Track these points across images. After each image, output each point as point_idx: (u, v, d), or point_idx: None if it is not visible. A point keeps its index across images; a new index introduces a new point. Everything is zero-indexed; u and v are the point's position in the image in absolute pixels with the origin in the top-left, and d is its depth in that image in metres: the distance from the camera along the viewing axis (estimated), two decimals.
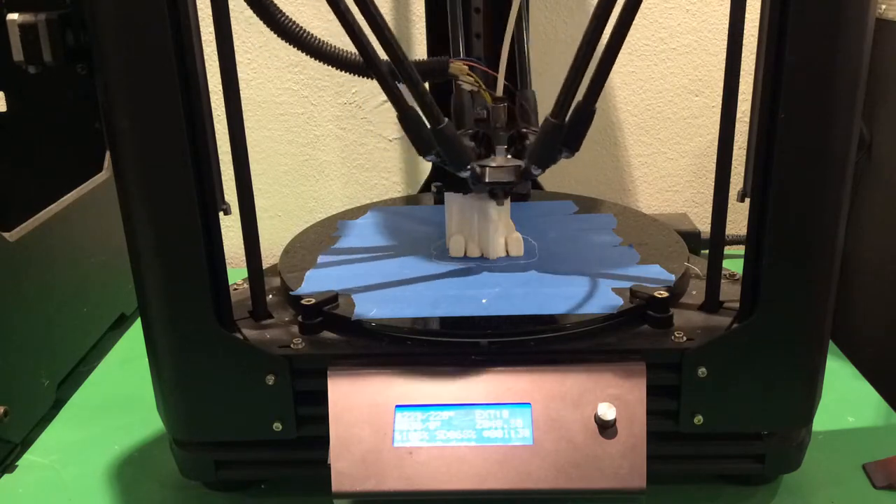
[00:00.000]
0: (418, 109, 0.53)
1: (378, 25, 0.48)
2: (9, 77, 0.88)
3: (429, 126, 0.53)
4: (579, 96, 0.52)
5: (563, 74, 0.51)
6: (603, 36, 0.49)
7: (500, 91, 0.59)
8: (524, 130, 0.61)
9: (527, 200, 0.81)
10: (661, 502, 0.57)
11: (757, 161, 0.50)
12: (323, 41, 0.56)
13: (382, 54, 0.50)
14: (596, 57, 0.50)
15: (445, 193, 0.66)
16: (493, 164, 0.58)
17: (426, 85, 0.53)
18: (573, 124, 0.52)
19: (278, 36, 0.54)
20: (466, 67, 0.59)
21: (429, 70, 0.59)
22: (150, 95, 0.48)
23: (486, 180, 0.58)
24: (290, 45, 0.55)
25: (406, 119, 0.53)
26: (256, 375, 0.53)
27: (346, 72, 0.57)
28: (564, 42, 1.02)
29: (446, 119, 0.53)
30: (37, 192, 0.80)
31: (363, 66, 0.57)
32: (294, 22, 0.54)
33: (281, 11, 0.54)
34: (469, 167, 0.57)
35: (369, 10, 0.48)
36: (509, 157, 0.60)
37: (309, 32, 0.55)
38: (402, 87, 0.52)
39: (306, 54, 0.56)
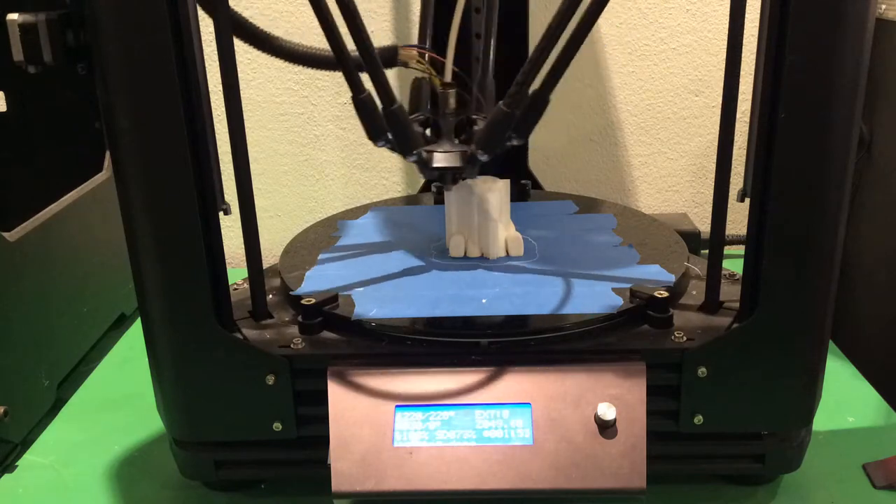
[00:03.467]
0: (374, 94, 0.52)
1: (344, 4, 0.48)
2: (9, 77, 0.88)
3: (381, 107, 0.52)
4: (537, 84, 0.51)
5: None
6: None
7: (448, 76, 0.59)
8: (474, 117, 0.61)
9: (527, 200, 0.81)
10: (661, 502, 0.57)
11: (757, 161, 0.50)
12: (279, 38, 0.56)
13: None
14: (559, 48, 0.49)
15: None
16: (440, 150, 0.58)
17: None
18: (527, 112, 0.52)
19: (241, 40, 0.55)
20: (416, 53, 0.59)
21: (380, 57, 0.59)
22: (150, 95, 0.48)
23: (433, 165, 0.57)
24: (248, 44, 0.55)
25: (360, 102, 0.52)
26: (256, 375, 0.54)
27: (303, 65, 0.58)
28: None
29: (399, 102, 0.53)
30: (37, 192, 0.80)
31: (313, 57, 0.58)
32: (247, 20, 0.55)
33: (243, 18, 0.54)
34: (416, 152, 0.56)
35: None
36: (456, 142, 0.59)
37: (262, 30, 0.55)
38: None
39: (263, 52, 0.56)
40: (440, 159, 0.57)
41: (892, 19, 0.82)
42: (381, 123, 0.53)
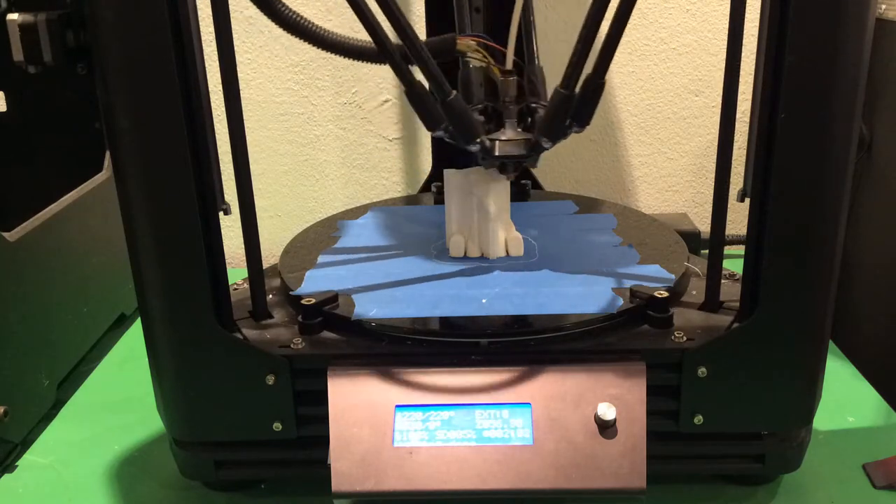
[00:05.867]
0: (425, 84, 0.52)
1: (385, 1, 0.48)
2: (9, 77, 0.88)
3: (437, 99, 0.52)
4: (588, 70, 0.51)
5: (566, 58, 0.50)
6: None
7: (509, 64, 0.59)
8: (533, 105, 0.61)
9: (527, 200, 0.81)
10: (661, 502, 0.57)
11: (757, 161, 0.50)
12: (324, 29, 0.55)
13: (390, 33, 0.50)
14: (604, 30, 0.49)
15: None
16: (503, 138, 0.57)
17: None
18: (583, 97, 0.51)
19: (280, 26, 0.54)
20: (474, 43, 0.59)
21: (436, 48, 0.58)
22: (150, 95, 0.48)
23: (496, 153, 0.57)
24: (292, 35, 0.55)
25: (413, 93, 0.52)
26: (256, 375, 0.53)
27: (348, 57, 0.57)
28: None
29: (454, 91, 0.53)
30: (37, 192, 0.80)
31: (361, 49, 0.57)
32: (294, 11, 0.54)
33: (282, 2, 0.53)
34: (478, 141, 0.56)
35: None
36: (519, 130, 0.59)
37: (308, 20, 0.55)
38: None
39: (307, 42, 0.55)
40: (504, 147, 0.57)
41: (892, 19, 0.82)
42: (437, 114, 0.53)
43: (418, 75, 0.51)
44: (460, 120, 0.54)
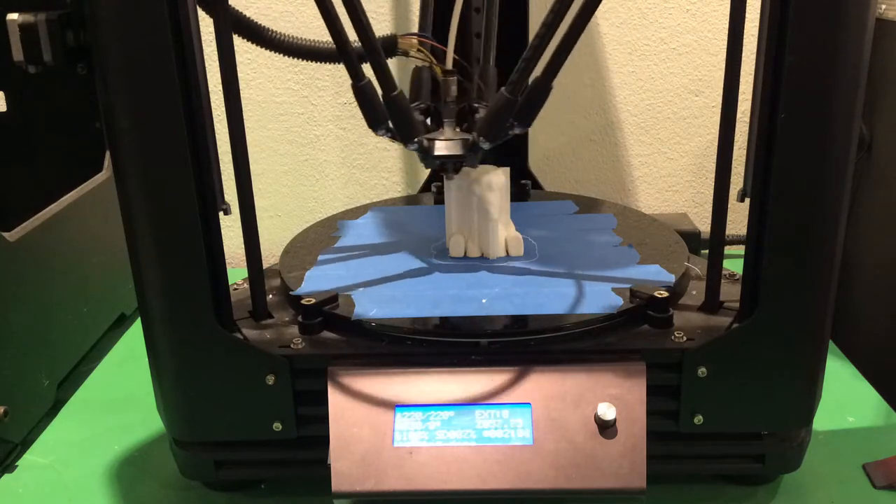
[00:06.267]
0: (374, 81, 0.52)
1: None
2: (9, 77, 0.88)
3: (381, 95, 0.52)
4: (538, 72, 0.51)
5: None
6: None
7: (449, 64, 0.59)
8: (475, 105, 0.60)
9: (527, 200, 0.81)
10: (661, 502, 0.57)
11: (757, 161, 0.50)
12: (276, 31, 0.56)
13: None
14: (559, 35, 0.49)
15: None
16: (442, 138, 0.57)
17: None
18: (529, 99, 0.51)
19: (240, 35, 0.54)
20: (416, 42, 0.59)
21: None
22: (150, 95, 0.48)
23: (434, 153, 0.56)
24: (248, 40, 0.55)
25: (360, 90, 0.52)
26: (256, 375, 0.53)
27: (300, 59, 0.58)
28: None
29: (399, 89, 0.52)
30: (37, 192, 0.80)
31: (311, 50, 0.57)
32: (246, 17, 0.54)
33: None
34: (417, 140, 0.55)
35: None
36: (458, 130, 0.59)
37: (259, 23, 0.55)
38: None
39: (260, 46, 0.56)
40: (442, 147, 0.56)
41: (892, 19, 0.82)
42: (381, 111, 0.53)
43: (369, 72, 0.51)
44: (401, 118, 0.53)
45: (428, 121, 0.60)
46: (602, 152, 1.07)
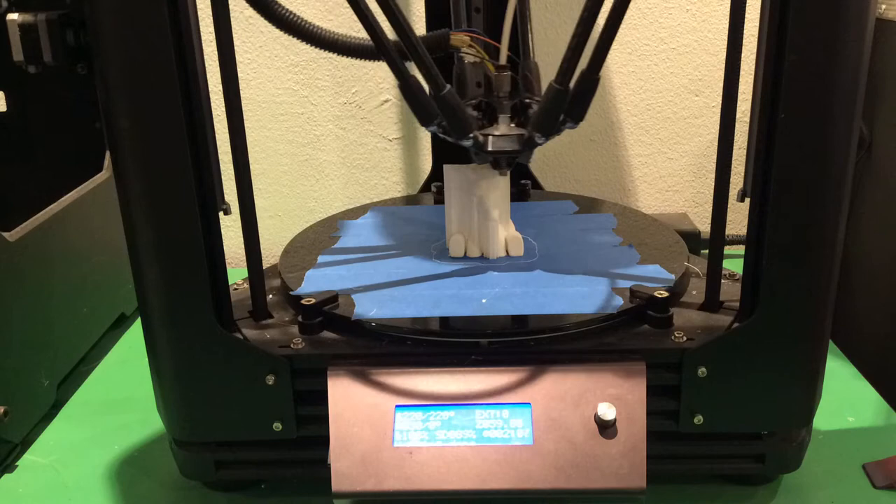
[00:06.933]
0: (420, 78, 0.52)
1: None
2: (9, 77, 0.88)
3: (430, 93, 0.52)
4: (583, 65, 0.51)
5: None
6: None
7: (503, 59, 0.59)
8: (527, 100, 0.60)
9: (527, 200, 0.81)
10: (661, 502, 0.57)
11: (757, 161, 0.50)
12: (318, 26, 0.55)
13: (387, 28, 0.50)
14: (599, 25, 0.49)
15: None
16: (496, 133, 0.57)
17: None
18: (577, 93, 0.51)
19: (274, 25, 0.54)
20: (468, 38, 0.59)
21: (430, 44, 0.58)
22: (150, 95, 0.48)
23: (489, 149, 0.56)
24: (285, 33, 0.55)
25: (407, 87, 0.51)
26: (256, 375, 0.54)
27: (344, 55, 0.57)
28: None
29: (448, 85, 0.52)
30: (37, 192, 0.80)
31: (356, 46, 0.57)
32: (287, 9, 0.54)
33: (276, 2, 0.53)
34: (471, 136, 0.55)
35: None
36: (512, 125, 0.59)
37: (302, 18, 0.55)
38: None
39: (302, 41, 0.55)
40: (497, 142, 0.56)
41: (892, 19, 0.82)
42: (431, 108, 0.52)
43: (413, 70, 0.51)
44: (454, 114, 0.53)
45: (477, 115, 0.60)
46: (602, 152, 1.07)
